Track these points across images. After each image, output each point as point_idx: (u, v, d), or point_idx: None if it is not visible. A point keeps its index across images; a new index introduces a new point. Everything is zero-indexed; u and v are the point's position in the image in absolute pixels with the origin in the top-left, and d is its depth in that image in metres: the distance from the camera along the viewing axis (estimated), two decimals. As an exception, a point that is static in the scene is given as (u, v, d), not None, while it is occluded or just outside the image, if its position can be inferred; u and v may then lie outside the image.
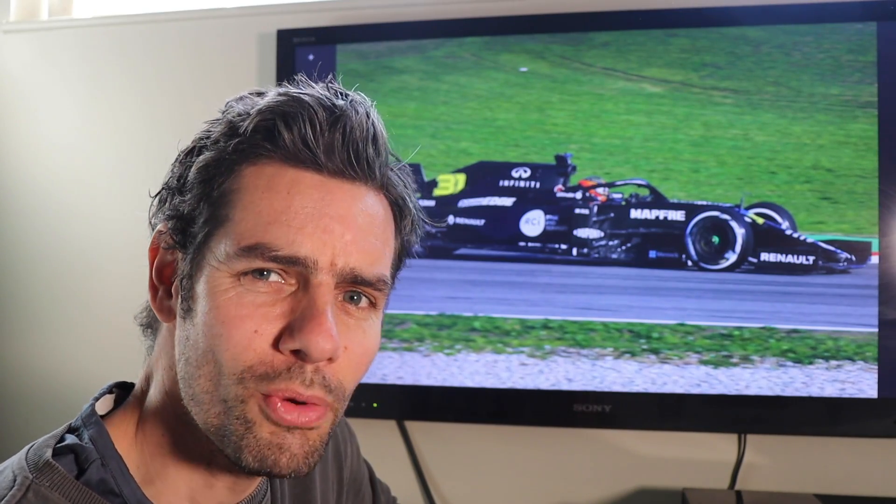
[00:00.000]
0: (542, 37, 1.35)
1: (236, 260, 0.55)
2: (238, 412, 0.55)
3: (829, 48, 1.26)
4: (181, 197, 0.59)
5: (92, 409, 0.63)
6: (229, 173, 0.58)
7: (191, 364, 0.57)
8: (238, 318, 0.55)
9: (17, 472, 0.57)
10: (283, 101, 0.58)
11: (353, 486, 0.84)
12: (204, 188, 0.58)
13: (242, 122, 0.58)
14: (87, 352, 1.54)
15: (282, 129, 0.57)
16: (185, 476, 0.61)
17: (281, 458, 0.55)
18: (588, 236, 1.35)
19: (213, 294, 0.56)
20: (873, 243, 1.24)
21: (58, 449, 0.59)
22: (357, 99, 0.60)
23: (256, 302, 0.55)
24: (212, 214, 0.57)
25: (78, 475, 0.58)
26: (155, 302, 0.61)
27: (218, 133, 0.59)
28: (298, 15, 1.48)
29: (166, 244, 0.60)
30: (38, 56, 1.62)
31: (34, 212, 1.61)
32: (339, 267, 0.56)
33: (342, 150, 0.57)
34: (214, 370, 0.56)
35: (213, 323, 0.55)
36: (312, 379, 0.55)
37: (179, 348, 0.59)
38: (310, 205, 0.56)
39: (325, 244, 0.56)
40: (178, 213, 0.59)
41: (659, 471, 1.34)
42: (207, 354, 0.56)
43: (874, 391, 1.22)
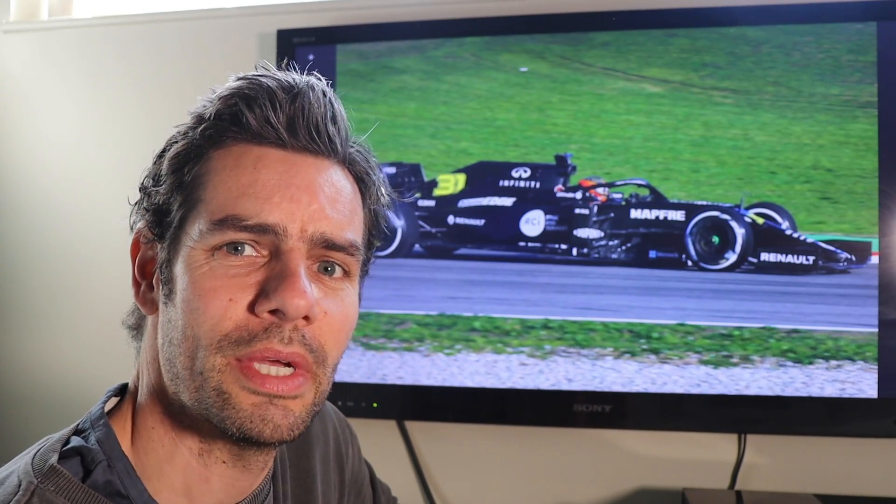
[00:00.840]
0: (542, 37, 1.36)
1: (209, 235, 0.57)
2: (214, 383, 0.56)
3: (829, 48, 1.26)
4: (157, 189, 0.61)
5: (101, 410, 0.63)
6: (198, 159, 0.60)
7: (173, 344, 0.58)
8: (212, 289, 0.56)
9: (22, 476, 0.57)
10: (243, 85, 0.60)
11: (354, 486, 0.84)
12: (176, 177, 0.60)
13: (207, 110, 0.61)
14: (87, 352, 1.54)
15: (244, 111, 0.59)
16: (180, 470, 0.61)
17: (264, 429, 0.56)
18: (588, 236, 1.35)
19: (189, 271, 0.58)
20: (873, 243, 1.24)
21: (64, 452, 0.59)
22: (313, 80, 0.63)
23: (230, 273, 0.57)
24: (185, 199, 0.59)
25: (84, 477, 0.58)
26: (138, 296, 0.63)
27: (186, 126, 0.62)
28: (298, 15, 1.48)
29: (146, 239, 0.63)
30: (38, 56, 1.62)
31: (34, 212, 1.61)
32: (310, 233, 0.58)
33: (304, 126, 0.60)
34: (192, 344, 0.57)
35: (190, 298, 0.57)
36: (291, 337, 0.57)
37: (162, 333, 0.60)
38: (275, 177, 0.58)
39: (294, 213, 0.58)
40: (154, 207, 0.61)
41: (659, 471, 1.34)
42: (186, 330, 0.57)
43: (874, 391, 1.22)
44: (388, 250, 1.37)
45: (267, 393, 0.56)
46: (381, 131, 1.39)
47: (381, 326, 1.36)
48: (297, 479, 0.75)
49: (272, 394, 0.56)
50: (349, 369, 1.36)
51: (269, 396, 0.56)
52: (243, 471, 0.63)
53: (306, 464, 0.76)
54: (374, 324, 1.36)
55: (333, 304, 0.60)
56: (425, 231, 1.40)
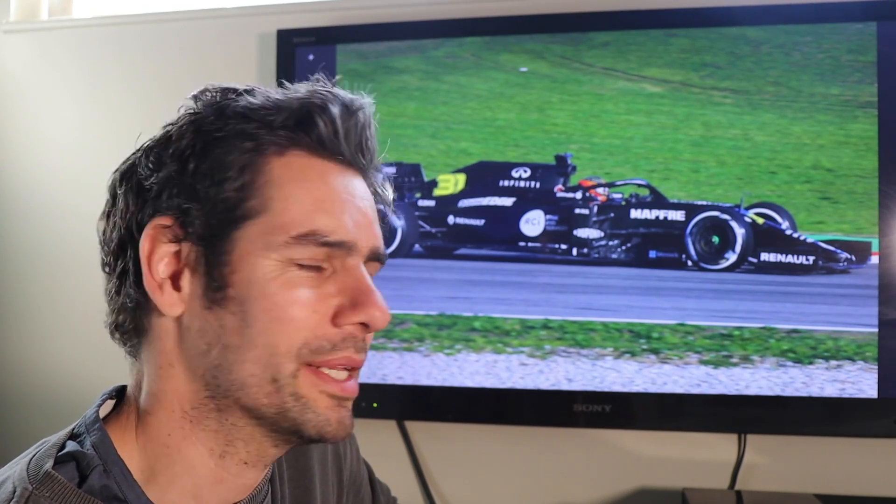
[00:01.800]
0: (542, 37, 1.36)
1: (288, 248, 0.59)
2: (291, 389, 0.59)
3: (829, 48, 1.26)
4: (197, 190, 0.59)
5: (96, 414, 0.62)
6: (255, 165, 0.60)
7: (231, 351, 0.59)
8: (295, 301, 0.59)
9: (17, 483, 0.57)
10: (314, 95, 0.62)
11: (352, 486, 0.84)
12: (228, 182, 0.59)
13: (272, 115, 0.60)
14: (86, 352, 1.54)
15: (318, 121, 0.61)
16: (193, 473, 0.61)
17: (339, 430, 0.61)
18: (588, 236, 1.35)
19: (263, 282, 0.59)
20: (873, 243, 1.24)
21: (59, 457, 0.59)
22: (365, 97, 0.65)
23: (307, 284, 0.59)
24: (242, 205, 0.59)
25: (80, 482, 0.58)
26: (163, 297, 0.60)
27: (233, 128, 0.60)
28: (298, 15, 1.48)
29: (171, 237, 0.60)
30: (38, 56, 1.62)
31: (34, 212, 1.61)
32: (370, 248, 0.63)
33: (356, 141, 0.63)
34: (264, 352, 0.58)
35: (270, 308, 0.58)
36: (362, 346, 0.62)
37: (208, 338, 0.59)
38: (343, 193, 0.62)
39: (361, 228, 0.62)
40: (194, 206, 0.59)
41: (659, 471, 1.34)
42: (257, 338, 0.58)
43: (874, 391, 1.22)
44: (388, 250, 1.37)
45: (341, 396, 0.61)
46: (382, 131, 1.38)
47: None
48: (295, 479, 0.75)
49: (345, 396, 0.61)
50: (349, 369, 1.36)
51: (340, 399, 0.61)
52: (261, 469, 0.65)
53: (304, 464, 0.76)
54: (374, 324, 1.36)
55: None
56: (425, 231, 1.40)
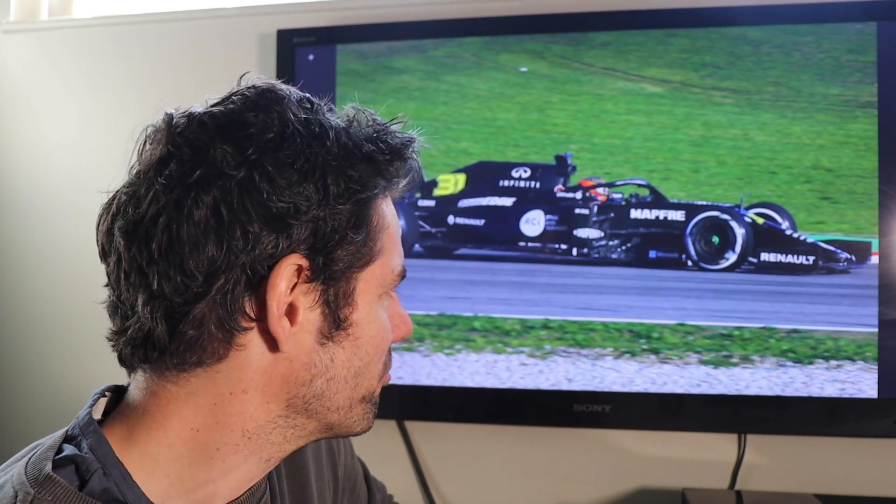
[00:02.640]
0: (542, 37, 1.35)
1: (391, 284, 0.65)
2: (375, 399, 0.67)
3: (829, 48, 1.26)
4: (336, 232, 0.58)
5: (89, 416, 0.62)
6: (372, 208, 0.62)
7: (337, 381, 0.63)
8: (388, 329, 0.66)
9: (17, 487, 0.56)
10: (407, 141, 0.64)
11: (347, 483, 0.84)
12: (366, 224, 0.61)
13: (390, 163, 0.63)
14: (86, 352, 1.54)
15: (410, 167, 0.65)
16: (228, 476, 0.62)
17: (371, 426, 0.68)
18: (588, 236, 1.35)
19: (379, 320, 0.65)
20: (873, 243, 1.24)
21: (57, 461, 0.58)
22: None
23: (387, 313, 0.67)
24: (372, 247, 0.62)
25: (80, 486, 0.57)
26: (282, 332, 0.58)
27: (364, 168, 0.61)
28: (298, 15, 1.48)
29: (307, 278, 0.58)
30: (38, 56, 1.62)
31: (34, 211, 1.61)
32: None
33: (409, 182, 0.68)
34: (364, 379, 0.65)
35: (379, 341, 0.65)
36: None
37: (314, 370, 0.61)
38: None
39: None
40: (334, 248, 0.59)
41: (659, 471, 1.34)
42: (363, 369, 0.64)
43: (874, 391, 1.22)
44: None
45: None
46: (381, 131, 1.38)
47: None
48: (292, 475, 0.75)
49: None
50: (349, 369, 1.36)
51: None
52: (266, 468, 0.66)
53: (299, 460, 0.76)
54: (374, 324, 1.36)
55: None
56: (425, 231, 1.40)
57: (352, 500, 0.85)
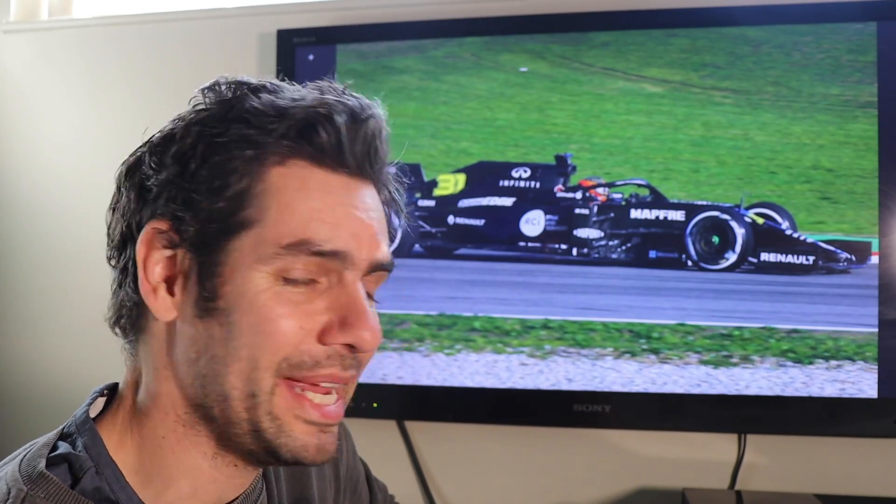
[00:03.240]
0: (542, 37, 1.35)
1: (278, 259, 0.57)
2: (267, 407, 0.58)
3: (829, 48, 1.26)
4: (193, 196, 0.58)
5: (86, 414, 0.62)
6: (254, 174, 0.58)
7: (217, 361, 0.58)
8: (281, 316, 0.57)
9: (10, 484, 0.57)
10: (318, 105, 0.59)
11: (349, 483, 0.84)
12: (225, 189, 0.58)
13: (274, 123, 0.58)
14: (85, 352, 1.54)
15: (320, 131, 0.58)
16: (188, 473, 0.61)
17: (317, 457, 0.59)
18: (588, 236, 1.35)
19: (251, 295, 0.57)
20: (873, 243, 1.24)
21: (51, 459, 0.59)
22: (376, 105, 0.63)
23: (295, 300, 0.58)
24: (236, 215, 0.58)
25: (73, 484, 0.57)
26: (156, 301, 0.60)
27: (235, 133, 0.58)
28: (298, 15, 1.48)
29: (167, 242, 0.59)
30: (38, 56, 1.62)
31: (34, 212, 1.61)
32: (369, 261, 0.60)
33: (362, 151, 0.61)
34: (248, 366, 0.57)
35: (256, 321, 0.57)
36: (351, 363, 0.60)
37: (198, 346, 0.58)
38: (342, 203, 0.59)
39: (360, 242, 0.60)
40: (189, 213, 0.58)
41: (659, 471, 1.34)
42: (241, 351, 0.57)
43: (874, 391, 1.22)
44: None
45: (321, 422, 0.59)
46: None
47: (382, 326, 1.36)
48: (292, 476, 0.75)
49: (325, 422, 0.59)
50: (349, 369, 1.36)
51: (321, 425, 0.59)
52: (252, 471, 0.65)
53: None
54: (374, 324, 1.36)
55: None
56: (425, 231, 1.40)
57: (353, 500, 0.85)
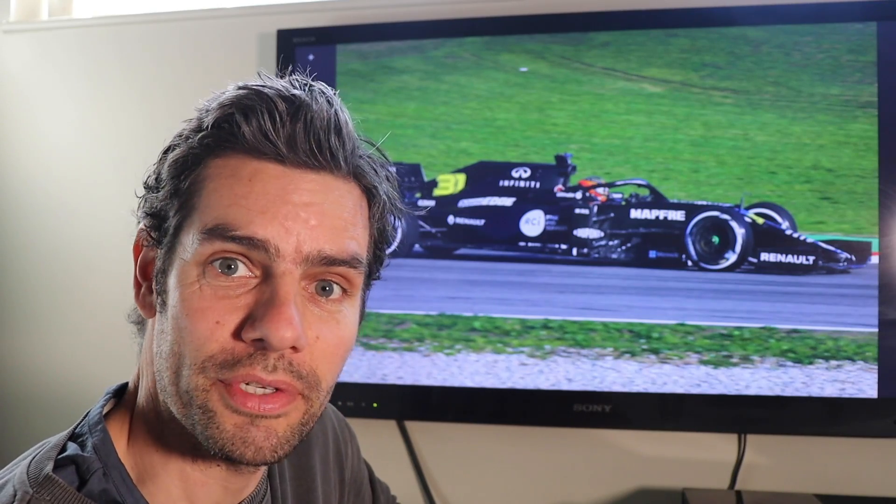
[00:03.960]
0: (542, 37, 1.35)
1: (199, 245, 0.56)
2: (199, 402, 0.55)
3: (829, 48, 1.26)
4: (155, 194, 0.60)
5: (99, 415, 0.62)
6: (196, 166, 0.58)
7: (162, 356, 0.58)
8: (200, 310, 0.55)
9: (17, 486, 0.57)
10: (242, 95, 0.58)
11: (353, 486, 0.84)
12: (173, 183, 0.59)
13: (207, 118, 0.59)
14: (86, 351, 1.54)
15: (241, 123, 0.57)
16: (177, 475, 0.61)
17: (246, 451, 0.55)
18: (588, 236, 1.35)
19: (180, 287, 0.56)
20: (873, 243, 1.24)
21: (59, 460, 0.59)
22: (319, 89, 0.60)
23: (218, 294, 0.55)
24: (180, 207, 0.58)
25: (80, 486, 0.57)
26: (138, 298, 0.62)
27: (188, 129, 0.60)
28: (298, 15, 1.48)
29: (147, 241, 0.62)
30: (38, 56, 1.62)
31: (34, 212, 1.61)
32: (306, 252, 0.56)
33: (304, 141, 0.57)
34: (177, 362, 0.56)
35: (179, 315, 0.56)
36: (275, 365, 0.55)
37: (156, 342, 0.59)
38: (272, 192, 0.56)
39: (289, 231, 0.56)
40: (153, 210, 0.60)
41: (659, 471, 1.34)
42: (174, 346, 0.56)
43: (874, 391, 1.22)
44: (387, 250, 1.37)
45: (249, 413, 0.55)
46: (381, 131, 1.39)
47: (381, 326, 1.36)
48: (297, 478, 0.74)
49: (254, 413, 0.55)
50: (349, 369, 1.36)
51: (252, 416, 0.55)
52: (236, 474, 0.63)
53: (306, 462, 0.76)
54: (374, 324, 1.36)
55: (328, 329, 0.58)
56: (425, 231, 1.40)
57: (357, 502, 0.85)
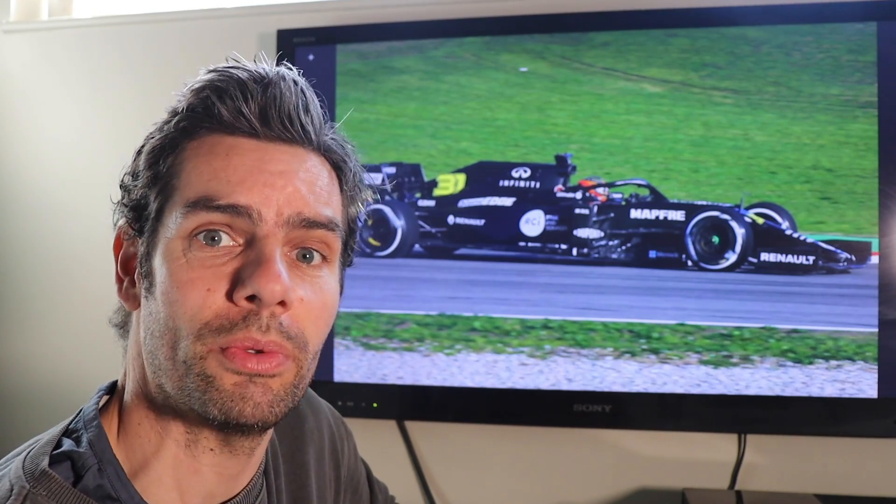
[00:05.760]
0: (542, 37, 1.35)
1: (183, 220, 0.58)
2: (198, 369, 0.57)
3: (829, 48, 1.26)
4: (134, 186, 0.62)
5: (94, 410, 0.63)
6: (173, 150, 0.61)
7: (154, 336, 0.59)
8: (190, 280, 0.57)
9: (13, 481, 0.57)
10: (214, 77, 0.62)
11: (350, 484, 0.84)
12: (152, 170, 0.61)
13: (181, 103, 0.62)
14: (84, 351, 1.54)
15: (216, 102, 0.60)
16: (169, 465, 0.61)
17: (245, 407, 0.57)
18: (588, 236, 1.35)
19: (166, 262, 0.58)
20: (873, 243, 1.24)
21: (54, 456, 0.59)
22: (283, 70, 0.63)
23: (206, 263, 0.57)
24: (161, 190, 0.60)
25: (75, 482, 0.58)
26: (121, 293, 0.64)
27: (162, 121, 0.63)
28: (298, 15, 1.48)
29: (127, 235, 0.64)
30: (38, 56, 1.62)
31: (34, 212, 1.61)
32: (286, 216, 0.59)
33: (276, 116, 0.60)
34: (173, 335, 0.58)
35: (169, 289, 0.58)
36: (269, 324, 0.57)
37: (144, 326, 0.60)
38: (249, 163, 0.59)
39: (269, 197, 0.58)
40: (133, 203, 0.62)
41: (659, 471, 1.34)
42: (168, 322, 0.58)
43: (874, 391, 1.22)
44: (388, 250, 1.37)
45: (248, 372, 0.57)
46: (381, 131, 1.39)
47: (381, 326, 1.36)
48: (291, 474, 0.75)
49: (252, 373, 0.57)
50: (349, 369, 1.36)
51: (250, 375, 0.57)
52: (231, 456, 0.63)
53: (300, 459, 0.76)
54: (374, 324, 1.36)
55: (311, 292, 0.60)
56: (425, 231, 1.40)
57: (354, 500, 0.85)
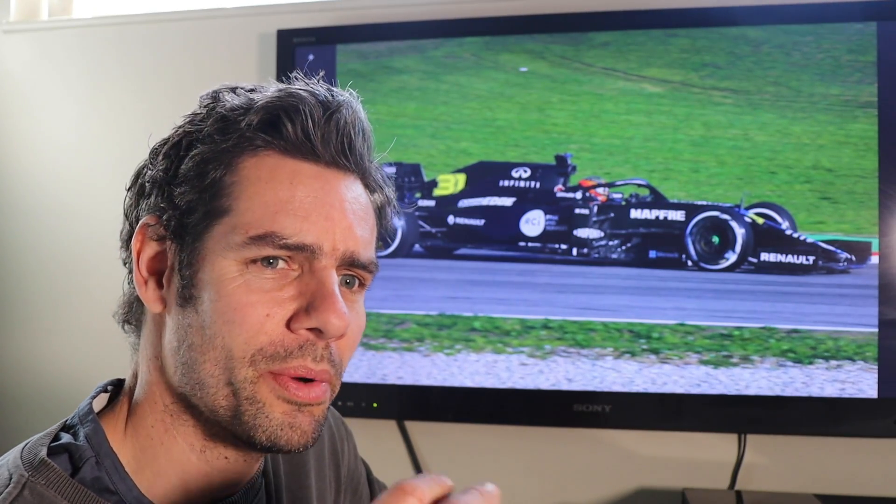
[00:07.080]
0: (542, 37, 1.35)
1: (245, 249, 0.58)
2: (248, 393, 0.58)
3: (829, 48, 1.26)
4: (175, 189, 0.60)
5: (89, 406, 0.63)
6: (228, 165, 0.60)
7: (195, 350, 0.59)
8: (249, 304, 0.58)
9: (12, 470, 0.58)
10: (283, 96, 0.61)
11: (350, 484, 0.84)
12: (202, 180, 0.60)
13: (242, 116, 0.60)
14: (85, 351, 1.54)
15: (286, 122, 0.60)
16: (178, 465, 0.62)
17: (293, 436, 0.59)
18: (588, 236, 1.35)
19: (220, 282, 0.58)
20: (873, 243, 1.24)
21: (52, 448, 0.59)
22: (348, 96, 0.64)
23: (265, 287, 0.58)
24: (211, 205, 0.59)
25: (73, 474, 0.58)
26: (146, 292, 0.62)
27: (212, 127, 0.61)
28: (298, 15, 1.48)
29: (157, 235, 0.62)
30: (38, 56, 1.62)
31: (34, 211, 1.61)
32: (341, 252, 0.60)
33: (337, 141, 0.61)
34: (222, 354, 0.58)
35: (224, 310, 0.58)
36: (322, 355, 0.59)
37: (179, 335, 0.60)
38: (312, 194, 0.60)
39: (328, 231, 0.59)
40: (171, 206, 0.61)
41: (659, 471, 1.34)
42: (215, 340, 0.58)
43: (874, 391, 1.22)
44: (388, 250, 1.37)
45: (299, 402, 0.58)
46: (381, 131, 1.39)
47: (381, 326, 1.36)
48: (291, 473, 0.75)
49: (303, 402, 0.59)
50: (349, 369, 1.36)
51: (299, 405, 0.59)
52: (244, 465, 0.64)
53: (299, 458, 0.76)
54: (374, 324, 1.36)
55: (354, 317, 0.62)
56: (425, 231, 1.40)
57: (354, 500, 0.85)
